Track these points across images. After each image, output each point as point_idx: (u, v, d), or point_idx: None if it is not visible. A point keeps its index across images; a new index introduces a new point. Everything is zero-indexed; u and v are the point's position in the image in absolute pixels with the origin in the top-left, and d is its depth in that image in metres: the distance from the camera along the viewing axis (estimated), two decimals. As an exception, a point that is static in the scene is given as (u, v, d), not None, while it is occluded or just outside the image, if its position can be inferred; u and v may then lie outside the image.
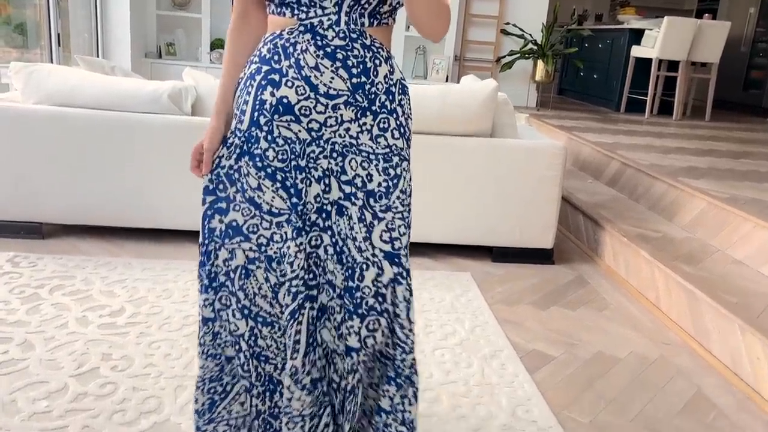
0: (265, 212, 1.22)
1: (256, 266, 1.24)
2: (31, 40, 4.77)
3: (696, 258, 2.66)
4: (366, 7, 1.16)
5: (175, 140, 2.74)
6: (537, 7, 6.33)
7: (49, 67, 2.79)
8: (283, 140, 1.19)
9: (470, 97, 2.81)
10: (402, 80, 1.25)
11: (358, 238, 1.21)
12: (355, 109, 1.18)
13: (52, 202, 2.77)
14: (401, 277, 1.23)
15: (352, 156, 1.20)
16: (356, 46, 1.17)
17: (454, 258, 2.98)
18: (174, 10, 5.95)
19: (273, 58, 1.17)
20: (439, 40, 1.20)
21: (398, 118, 1.23)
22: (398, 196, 1.22)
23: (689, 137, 4.99)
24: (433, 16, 1.11)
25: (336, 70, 1.16)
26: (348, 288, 1.23)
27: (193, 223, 2.85)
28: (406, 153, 1.25)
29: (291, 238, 1.21)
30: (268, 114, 1.18)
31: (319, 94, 1.16)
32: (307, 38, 1.16)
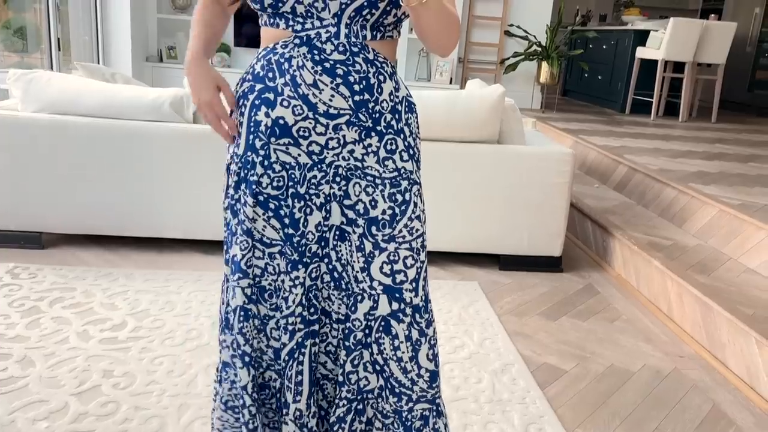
0: (257, 241, 1.13)
1: (253, 302, 1.16)
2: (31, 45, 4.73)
3: (709, 267, 2.61)
4: (368, 18, 1.05)
5: (177, 148, 2.69)
6: (541, 8, 6.27)
7: (49, 74, 2.75)
8: (281, 166, 1.09)
9: (477, 104, 2.76)
10: (408, 97, 1.16)
11: (355, 267, 1.12)
12: (359, 130, 1.08)
13: (52, 212, 2.73)
14: (403, 313, 1.11)
15: (356, 180, 1.10)
16: (358, 61, 1.06)
17: (461, 266, 2.93)
18: (175, 13, 5.91)
19: (267, 75, 1.07)
20: (448, 54, 1.09)
21: (406, 139, 1.12)
22: (406, 224, 1.11)
23: (697, 140, 4.93)
24: (441, 29, 1.02)
25: (336, 87, 1.05)
26: (345, 316, 1.15)
27: (196, 231, 2.81)
28: (417, 176, 1.14)
29: (285, 272, 1.12)
30: (264, 137, 1.08)
31: (319, 114, 1.06)
32: (303, 52, 1.05)
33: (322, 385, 1.20)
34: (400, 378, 1.13)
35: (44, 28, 4.44)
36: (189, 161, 2.71)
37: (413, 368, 1.13)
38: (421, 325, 1.13)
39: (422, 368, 1.13)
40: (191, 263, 2.75)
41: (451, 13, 1.02)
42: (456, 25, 1.04)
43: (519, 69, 6.08)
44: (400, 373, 1.13)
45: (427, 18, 0.99)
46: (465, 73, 6.31)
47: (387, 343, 1.12)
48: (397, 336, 1.12)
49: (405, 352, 1.12)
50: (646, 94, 6.26)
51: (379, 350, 1.12)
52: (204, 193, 2.74)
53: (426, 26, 1.01)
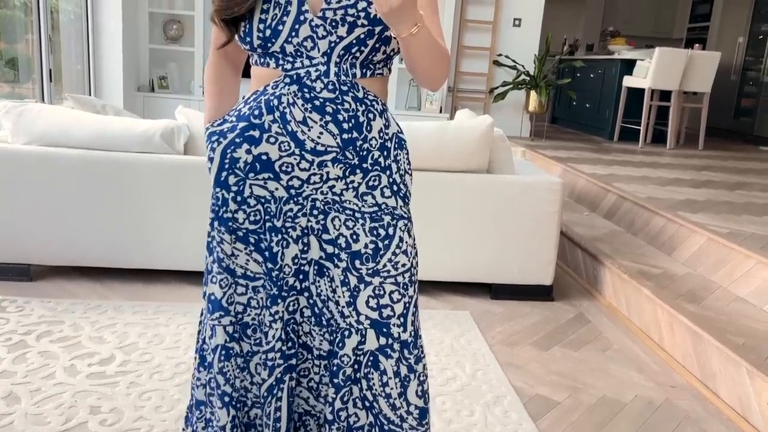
0: (240, 276, 1.13)
1: (236, 341, 1.15)
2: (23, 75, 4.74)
3: (698, 296, 2.62)
4: (357, 56, 1.06)
5: (168, 179, 2.69)
6: (529, 38, 6.37)
7: (39, 106, 2.75)
8: (256, 200, 1.09)
9: (466, 134, 2.79)
10: (399, 134, 1.16)
11: (341, 302, 1.11)
12: (344, 167, 1.08)
13: (41, 244, 2.71)
14: (391, 349, 1.10)
15: (335, 214, 1.10)
16: (347, 99, 1.07)
17: (452, 296, 2.93)
18: (167, 44, 5.96)
19: (253, 114, 1.08)
20: (438, 88, 1.11)
21: (392, 175, 1.12)
22: (390, 258, 1.10)
23: (684, 167, 4.99)
24: (431, 62, 1.03)
25: (325, 125, 1.06)
26: (331, 353, 1.13)
27: (186, 262, 2.79)
28: (403, 211, 1.13)
29: (265, 306, 1.12)
30: (241, 173, 1.08)
31: (305, 151, 1.06)
32: (294, 90, 1.06)
33: (304, 421, 1.19)
34: (389, 415, 1.12)
35: (36, 58, 4.46)
36: (179, 192, 2.71)
37: (402, 405, 1.12)
38: (410, 361, 1.12)
39: (411, 405, 1.12)
40: (181, 295, 2.73)
41: (440, 47, 1.04)
42: (446, 59, 1.06)
43: (508, 98, 6.16)
44: (389, 409, 1.12)
45: (416, 50, 1.00)
46: (455, 102, 6.38)
47: (376, 378, 1.11)
48: (386, 372, 1.11)
49: (394, 388, 1.11)
50: (634, 122, 6.34)
51: (368, 386, 1.12)
52: (194, 224, 2.73)
53: (417, 58, 1.02)
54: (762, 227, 3.13)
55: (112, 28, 5.27)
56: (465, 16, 6.28)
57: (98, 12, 5.25)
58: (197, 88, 5.89)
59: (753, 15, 7.51)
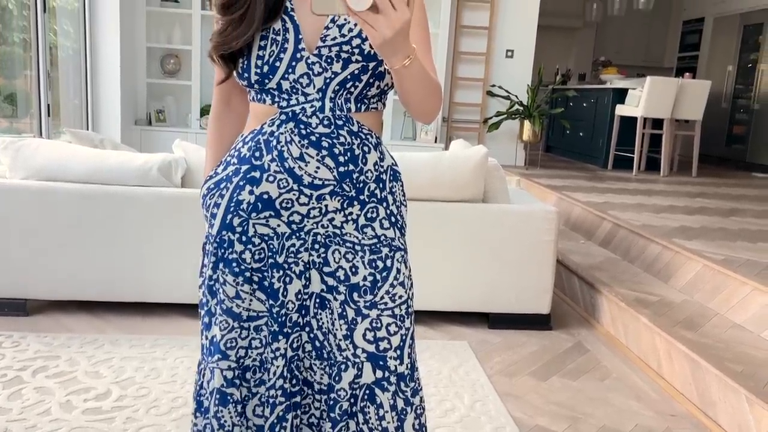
0: (244, 320, 1.13)
1: (236, 387, 1.13)
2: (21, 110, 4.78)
3: (696, 323, 2.62)
4: (352, 91, 1.09)
5: (166, 212, 2.71)
6: (521, 69, 6.47)
7: (38, 141, 2.78)
8: (260, 238, 1.10)
9: (461, 164, 2.82)
10: (393, 166, 1.18)
11: (338, 335, 1.11)
12: (342, 199, 1.10)
13: (38, 278, 2.71)
14: (387, 382, 1.10)
15: (335, 247, 1.11)
16: (342, 133, 1.09)
17: (450, 326, 2.92)
18: (164, 77, 6.02)
19: (254, 155, 1.09)
20: (431, 121, 1.13)
21: (388, 207, 1.14)
22: (387, 291, 1.11)
23: (678, 194, 5.03)
24: (423, 94, 1.05)
25: (322, 159, 1.07)
26: (328, 386, 1.13)
27: (183, 295, 2.79)
28: (399, 243, 1.14)
29: (268, 344, 1.12)
30: (244, 213, 1.10)
31: (303, 186, 1.08)
32: (290, 128, 1.08)
33: None
34: None
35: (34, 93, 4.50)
36: (176, 225, 2.72)
37: None
38: (407, 394, 1.12)
39: None
40: (178, 327, 2.72)
41: (432, 80, 1.06)
42: (438, 92, 1.07)
43: (502, 127, 6.23)
44: None
45: (409, 82, 1.01)
46: (449, 132, 6.44)
47: (372, 412, 1.11)
48: (382, 405, 1.11)
49: (390, 422, 1.11)
50: (628, 150, 6.40)
51: (364, 420, 1.11)
52: (190, 256, 2.73)
53: (410, 90, 1.03)
54: (757, 253, 3.15)
55: (110, 63, 5.34)
56: (458, 48, 6.38)
57: (97, 48, 5.32)
58: (194, 121, 5.94)
59: (741, 44, 7.65)
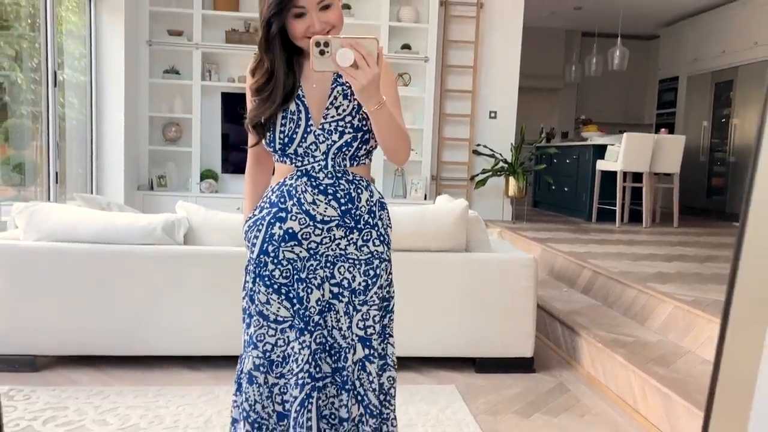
0: (272, 321, 1.53)
1: (261, 372, 1.52)
2: (29, 179, 5.02)
3: (668, 360, 2.78)
4: (347, 153, 1.51)
5: (169, 269, 2.89)
6: (505, 128, 6.80)
7: (50, 206, 2.99)
8: (287, 261, 1.51)
9: (444, 216, 3.03)
10: (380, 199, 1.59)
11: (343, 328, 1.53)
12: (345, 229, 1.52)
13: (47, 335, 2.86)
14: (372, 357, 1.54)
15: (340, 263, 1.52)
16: (342, 182, 1.52)
17: (438, 371, 3.06)
18: (166, 144, 6.31)
19: (280, 201, 1.52)
20: (402, 162, 1.53)
21: (379, 229, 1.56)
22: (375, 292, 1.54)
23: (659, 244, 5.24)
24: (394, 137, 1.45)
25: (329, 202, 1.50)
26: (337, 369, 1.54)
27: (185, 348, 2.94)
28: (387, 255, 1.57)
29: (295, 339, 1.51)
30: (276, 243, 1.50)
31: (317, 222, 1.49)
32: (304, 181, 1.50)
33: None
34: (374, 401, 1.55)
35: (44, 162, 4.75)
36: (178, 281, 2.90)
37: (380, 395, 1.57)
38: (382, 365, 1.57)
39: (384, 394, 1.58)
40: (180, 378, 2.86)
41: (399, 124, 1.47)
42: (405, 136, 1.49)
43: (488, 184, 6.49)
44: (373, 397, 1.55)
45: (381, 123, 1.42)
46: (438, 189, 6.71)
47: (365, 377, 1.55)
48: (371, 373, 1.55)
49: (375, 383, 1.55)
50: (610, 203, 6.66)
51: (361, 383, 1.55)
52: (192, 310, 2.91)
53: (383, 131, 1.43)
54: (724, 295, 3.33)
55: (114, 131, 5.63)
56: (444, 111, 6.73)
57: (102, 118, 5.62)
58: (194, 185, 6.19)
59: (714, 101, 8.04)
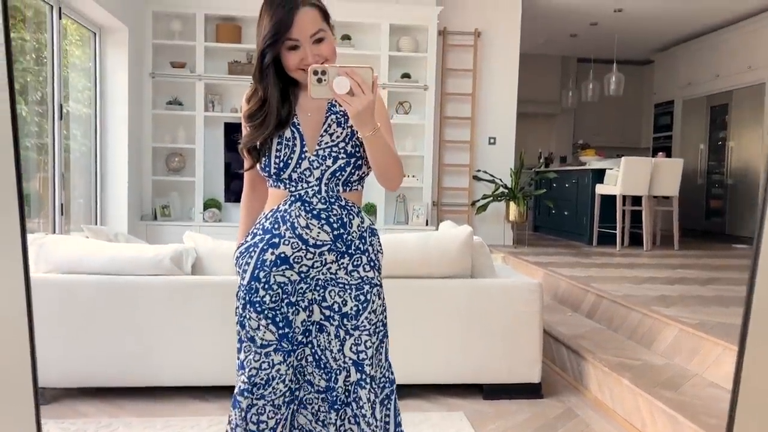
0: (258, 346, 1.53)
1: (244, 396, 1.53)
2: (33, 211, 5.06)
3: (675, 383, 2.79)
4: (340, 178, 1.54)
5: (177, 299, 2.91)
6: (504, 154, 6.88)
7: (58, 237, 3.02)
8: (278, 285, 1.52)
9: (448, 242, 3.07)
10: (371, 226, 1.62)
11: (334, 350, 1.56)
12: (336, 254, 1.53)
13: (55, 367, 2.87)
14: (364, 381, 1.55)
15: (331, 287, 1.54)
16: (334, 208, 1.53)
17: (446, 398, 3.07)
18: (169, 175, 6.37)
19: (274, 227, 1.52)
20: (395, 188, 1.56)
21: (369, 255, 1.58)
22: (366, 317, 1.56)
23: (660, 267, 5.27)
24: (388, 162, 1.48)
25: (322, 227, 1.51)
26: (327, 388, 1.58)
27: (193, 378, 2.95)
28: (377, 280, 1.59)
29: (281, 362, 1.53)
30: (267, 268, 1.51)
31: (309, 246, 1.51)
32: (298, 206, 1.51)
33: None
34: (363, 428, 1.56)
35: (49, 194, 4.79)
36: (186, 311, 2.92)
37: (374, 423, 1.56)
38: (376, 390, 1.58)
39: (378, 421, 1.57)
40: (189, 409, 2.86)
41: (392, 150, 1.49)
42: (398, 162, 1.51)
43: (489, 209, 6.54)
44: (365, 426, 1.56)
45: (375, 149, 1.45)
46: (440, 215, 6.75)
47: (357, 402, 1.56)
48: (361, 398, 1.55)
49: (368, 409, 1.55)
50: (611, 227, 6.70)
51: (354, 407, 1.56)
52: (200, 340, 2.92)
53: (376, 157, 1.46)
54: (728, 317, 3.35)
55: (118, 163, 5.69)
56: (444, 138, 6.81)
57: (106, 149, 5.68)
58: (198, 214, 6.23)
59: (710, 124, 8.14)
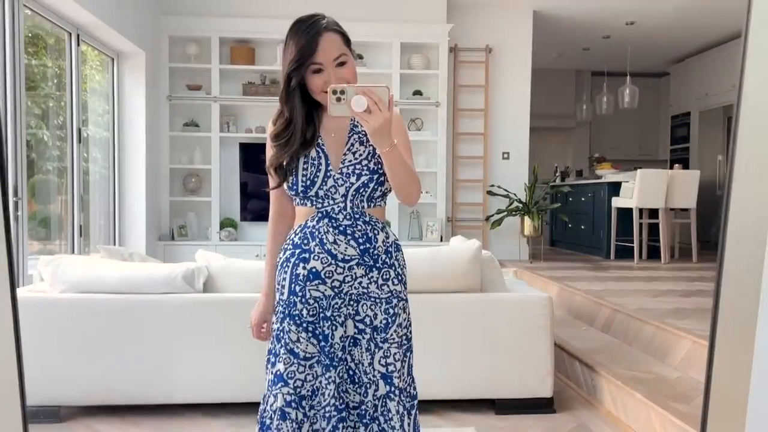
0: (301, 358, 1.58)
1: (292, 408, 1.57)
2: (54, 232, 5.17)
3: (689, 396, 2.75)
4: (363, 194, 1.61)
5: (189, 316, 2.95)
6: (518, 169, 6.88)
7: (74, 258, 3.09)
8: (314, 300, 1.59)
9: (457, 257, 3.07)
10: (396, 241, 1.68)
11: (365, 363, 1.60)
12: (365, 267, 1.60)
13: (71, 386, 2.92)
14: (393, 394, 1.59)
15: (363, 301, 1.60)
16: (359, 223, 1.61)
17: (458, 413, 3.05)
18: (186, 195, 6.46)
19: (303, 242, 1.61)
20: (413, 203, 1.61)
21: (396, 269, 1.65)
22: (395, 330, 1.61)
23: (677, 279, 5.20)
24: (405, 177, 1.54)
25: (348, 242, 1.59)
26: (362, 401, 1.61)
27: (207, 395, 2.98)
28: (404, 294, 1.66)
29: (322, 373, 1.58)
30: (302, 282, 1.59)
31: (338, 261, 1.58)
32: (325, 222, 1.59)
33: None
34: None
35: (69, 216, 4.90)
36: (199, 328, 2.96)
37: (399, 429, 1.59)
38: (405, 402, 1.61)
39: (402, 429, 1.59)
40: (204, 427, 2.88)
41: (409, 166, 1.56)
42: (416, 178, 1.58)
43: (504, 224, 6.53)
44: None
45: (392, 164, 1.50)
46: (454, 230, 6.75)
47: (386, 415, 1.60)
48: (391, 410, 1.59)
49: (397, 422, 1.59)
50: (628, 240, 6.64)
51: (383, 420, 1.60)
52: (213, 357, 2.95)
53: (395, 172, 1.52)
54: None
55: (136, 184, 5.80)
56: (457, 153, 6.83)
57: (124, 171, 5.79)
58: (214, 234, 6.30)
59: (726, 135, 8.06)
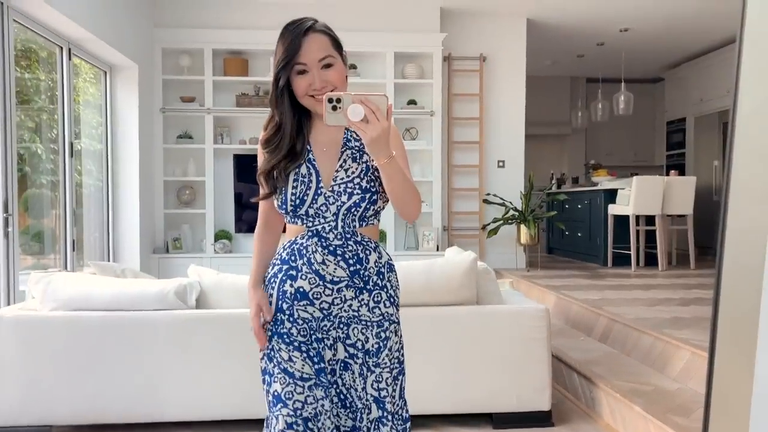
0: (298, 378, 1.53)
1: (294, 430, 1.52)
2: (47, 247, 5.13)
3: (688, 408, 2.72)
4: (355, 213, 1.55)
5: (182, 333, 2.91)
6: (513, 177, 6.86)
7: (65, 275, 3.05)
8: (302, 320, 1.54)
9: (452, 269, 3.04)
10: (389, 261, 1.62)
11: (358, 388, 1.56)
12: (354, 290, 1.54)
13: (63, 405, 2.87)
14: (386, 419, 1.55)
15: (354, 325, 1.55)
16: (350, 243, 1.54)
17: (455, 428, 3.01)
18: (180, 207, 6.43)
19: (291, 259, 1.55)
20: (413, 218, 1.55)
21: (388, 291, 1.59)
22: (387, 354, 1.56)
23: (675, 287, 5.18)
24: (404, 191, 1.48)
25: (338, 263, 1.53)
26: (354, 428, 1.58)
27: (201, 413, 2.93)
28: (396, 317, 1.60)
29: (323, 397, 1.55)
30: (289, 300, 1.53)
31: (326, 282, 1.52)
32: (315, 241, 1.53)
33: None
34: None
35: (61, 230, 4.86)
36: (191, 344, 2.92)
37: None
38: (398, 427, 1.57)
39: None
40: (193, 444, 2.84)
41: (408, 178, 1.50)
42: (415, 192, 1.51)
43: (500, 232, 6.50)
44: None
45: (390, 176, 1.44)
46: (450, 240, 6.72)
47: None
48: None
49: None
50: (625, 247, 6.61)
51: None
52: (205, 374, 2.91)
53: (393, 185, 1.46)
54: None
55: (130, 197, 5.76)
56: (452, 162, 6.81)
57: (118, 184, 5.76)
58: (209, 246, 6.27)
59: (722, 140, 8.06)
